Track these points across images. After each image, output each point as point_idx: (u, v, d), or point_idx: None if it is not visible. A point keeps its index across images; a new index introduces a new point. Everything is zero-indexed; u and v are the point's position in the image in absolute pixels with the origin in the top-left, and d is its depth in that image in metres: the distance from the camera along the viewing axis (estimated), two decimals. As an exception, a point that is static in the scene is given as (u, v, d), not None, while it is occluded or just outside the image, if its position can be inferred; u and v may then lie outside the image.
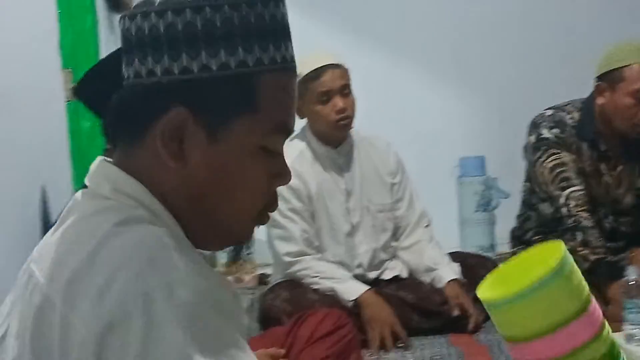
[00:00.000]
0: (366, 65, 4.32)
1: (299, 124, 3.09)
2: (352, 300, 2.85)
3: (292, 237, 2.96)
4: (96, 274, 0.79)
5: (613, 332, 1.03)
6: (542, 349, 0.95)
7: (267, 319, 2.92)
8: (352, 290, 2.88)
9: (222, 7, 0.87)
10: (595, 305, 1.01)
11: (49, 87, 3.18)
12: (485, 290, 1.00)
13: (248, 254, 4.08)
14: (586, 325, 0.98)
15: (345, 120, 2.94)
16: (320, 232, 3.03)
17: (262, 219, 0.95)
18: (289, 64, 0.91)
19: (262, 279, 3.83)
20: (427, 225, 3.18)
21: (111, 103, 0.91)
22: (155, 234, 0.83)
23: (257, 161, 0.90)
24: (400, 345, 2.82)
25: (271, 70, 0.89)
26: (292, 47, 0.93)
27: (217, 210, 0.90)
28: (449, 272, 3.02)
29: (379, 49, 4.28)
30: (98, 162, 0.93)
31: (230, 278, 3.84)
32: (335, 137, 3.02)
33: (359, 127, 3.09)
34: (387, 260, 3.14)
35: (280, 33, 0.90)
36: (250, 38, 0.87)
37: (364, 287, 2.90)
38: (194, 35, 0.86)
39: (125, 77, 0.90)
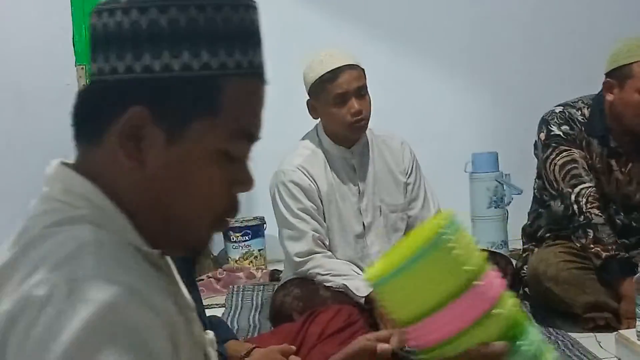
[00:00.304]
0: (378, 63, 4.30)
1: (311, 123, 3.09)
2: (363, 297, 2.85)
3: (302, 236, 2.94)
4: (16, 275, 0.81)
5: (626, 328, 1.00)
6: (433, 329, 0.94)
7: (278, 316, 2.93)
8: (364, 286, 2.88)
9: (188, 7, 0.86)
10: (490, 281, 0.97)
11: (63, 84, 3.20)
12: (371, 272, 0.98)
13: (260, 250, 4.09)
14: (475, 302, 0.94)
15: (360, 122, 2.91)
16: (331, 232, 3.01)
17: (221, 225, 0.93)
18: (256, 70, 0.91)
19: (274, 275, 3.83)
20: None
21: (75, 101, 0.91)
22: (77, 235, 0.83)
23: (215, 165, 0.89)
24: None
25: (236, 75, 0.88)
26: (261, 54, 0.92)
27: (171, 212, 0.89)
28: None
29: (391, 46, 4.27)
30: (54, 164, 0.92)
31: (241, 274, 3.85)
32: (349, 138, 3.00)
33: (372, 125, 3.08)
34: None
35: (249, 39, 0.90)
36: (215, 41, 0.87)
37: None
38: (158, 34, 0.86)
39: (90, 74, 0.90)
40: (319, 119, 3.02)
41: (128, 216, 0.88)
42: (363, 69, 2.93)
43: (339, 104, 2.87)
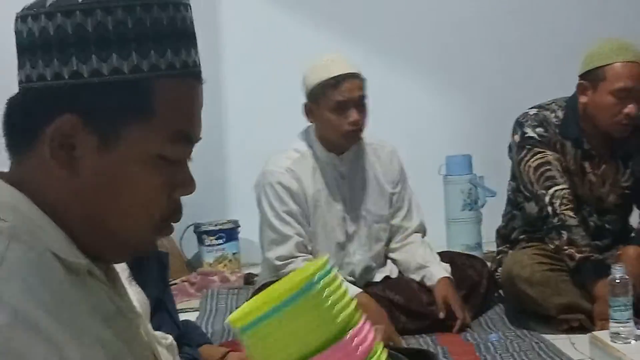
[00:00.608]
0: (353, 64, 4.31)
1: (303, 124, 3.05)
2: None
3: (285, 240, 2.92)
4: None
5: (600, 330, 0.97)
6: None
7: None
8: (349, 289, 2.87)
9: (114, 10, 0.83)
10: (363, 333, 0.91)
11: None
12: (237, 316, 0.93)
13: (234, 253, 4.07)
14: (346, 355, 0.88)
15: (357, 132, 2.90)
16: (315, 238, 2.99)
17: (165, 229, 0.91)
18: (190, 70, 0.88)
19: (249, 279, 3.81)
20: (422, 235, 3.16)
21: (4, 109, 0.88)
22: None
23: (152, 170, 0.86)
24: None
25: (169, 76, 0.85)
26: (196, 52, 0.89)
27: (109, 220, 0.86)
28: (440, 270, 3.02)
29: (365, 48, 4.27)
30: None
31: (215, 278, 3.83)
32: (342, 146, 2.97)
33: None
34: (377, 268, 3.12)
35: (181, 38, 0.87)
36: (145, 42, 0.84)
37: (357, 290, 2.87)
38: (85, 38, 0.83)
39: (18, 81, 0.87)
40: (312, 123, 2.98)
41: (63, 226, 0.85)
42: (364, 79, 2.91)
43: (339, 111, 2.85)
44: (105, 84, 0.83)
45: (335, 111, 2.86)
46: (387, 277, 3.09)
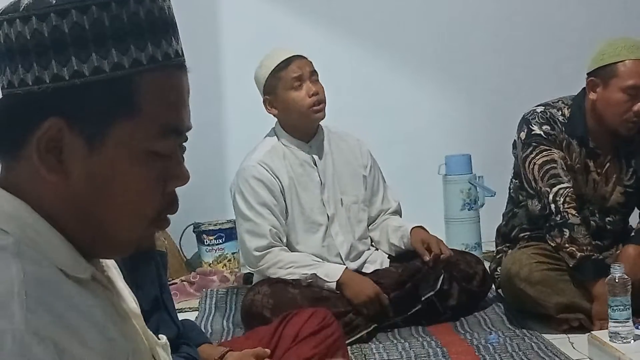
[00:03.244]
0: (352, 66, 4.31)
1: (270, 123, 3.09)
2: (334, 281, 2.89)
3: (261, 231, 2.98)
4: None
5: (599, 329, 0.98)
6: None
7: (249, 316, 2.92)
8: (332, 271, 2.93)
9: (89, 8, 0.82)
10: None
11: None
12: None
13: (233, 253, 4.07)
14: None
15: (319, 104, 2.98)
16: (294, 225, 3.05)
17: (162, 222, 0.90)
18: (174, 60, 0.86)
19: (248, 279, 3.81)
20: (397, 215, 3.26)
21: None
22: (5, 275, 0.77)
23: (143, 167, 0.85)
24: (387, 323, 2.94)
25: (152, 69, 0.84)
26: (177, 41, 0.88)
27: (105, 220, 0.86)
28: (412, 224, 3.12)
29: (365, 49, 4.27)
30: None
31: (214, 277, 3.83)
32: (308, 126, 3.05)
33: (347, 127, 3.09)
34: (365, 250, 3.16)
35: (160, 29, 0.85)
36: (124, 38, 0.83)
37: (342, 267, 2.97)
38: (62, 40, 0.82)
39: (0, 87, 0.86)
40: (277, 119, 3.07)
41: (60, 229, 0.84)
42: (310, 61, 3.03)
43: (296, 87, 2.97)
44: (88, 85, 0.82)
45: (293, 88, 2.97)
46: (376, 271, 3.12)
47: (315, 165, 3.09)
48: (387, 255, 3.19)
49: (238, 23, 4.25)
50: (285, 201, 3.03)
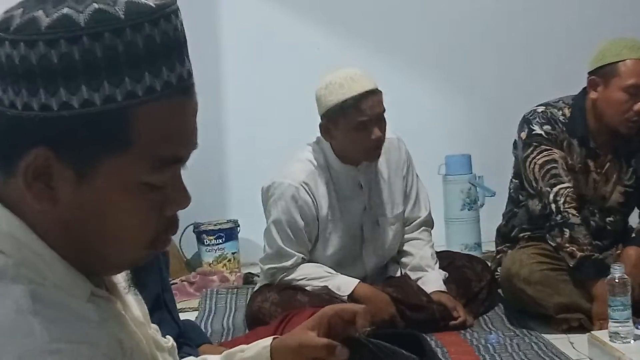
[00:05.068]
0: (353, 63, 4.30)
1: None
2: (346, 295, 2.84)
3: (285, 256, 2.90)
4: None
5: (599, 329, 0.97)
6: None
7: (255, 322, 2.89)
8: (344, 285, 2.87)
9: (79, 39, 0.76)
10: None
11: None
12: None
13: (233, 253, 4.07)
14: None
15: (379, 149, 2.85)
16: (322, 251, 2.94)
17: (160, 244, 0.86)
18: (176, 86, 0.80)
19: (248, 279, 3.81)
20: (429, 229, 3.16)
21: None
22: (10, 297, 0.76)
23: (137, 198, 0.81)
24: None
25: (148, 101, 0.78)
26: (183, 64, 0.81)
27: (99, 246, 0.83)
28: (437, 280, 3.01)
29: (366, 47, 4.27)
30: None
31: (215, 277, 3.83)
32: (362, 161, 2.90)
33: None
34: (390, 266, 3.12)
35: (161, 55, 0.79)
36: (118, 69, 0.77)
37: (356, 281, 2.90)
38: (50, 70, 0.76)
39: None
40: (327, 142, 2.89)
41: (56, 250, 0.82)
42: (381, 92, 2.85)
43: (360, 130, 2.78)
44: (77, 117, 0.77)
45: (357, 131, 2.78)
46: (389, 277, 3.09)
47: (362, 189, 2.96)
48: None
49: (238, 22, 4.25)
50: (318, 228, 2.90)
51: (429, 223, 3.15)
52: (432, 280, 3.01)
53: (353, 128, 2.78)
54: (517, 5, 4.35)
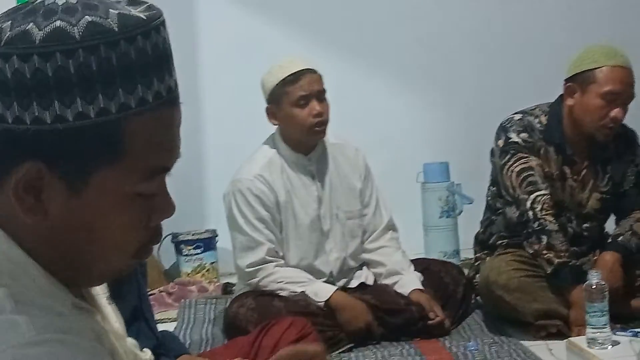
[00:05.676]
0: (330, 72, 4.31)
1: (270, 129, 3.08)
2: (323, 301, 2.86)
3: (257, 246, 2.94)
4: None
5: (577, 336, 0.98)
6: None
7: (232, 328, 2.91)
8: (321, 291, 2.90)
9: (75, 52, 0.76)
10: None
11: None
12: None
13: (212, 263, 4.05)
14: None
15: (321, 126, 2.94)
16: (288, 240, 3.01)
17: (144, 254, 0.87)
18: (165, 98, 0.81)
19: (227, 289, 3.80)
20: (394, 233, 3.18)
21: None
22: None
23: (127, 209, 0.82)
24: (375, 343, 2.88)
25: (140, 112, 0.79)
26: (170, 75, 0.83)
27: (85, 259, 0.83)
28: (413, 280, 3.04)
29: (345, 56, 4.28)
30: None
31: (193, 287, 3.81)
32: (308, 142, 3.01)
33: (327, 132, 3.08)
34: (355, 268, 3.14)
35: (153, 67, 0.80)
36: (112, 82, 0.77)
37: (333, 288, 2.93)
38: (45, 83, 0.76)
39: None
40: (277, 127, 3.02)
41: (39, 262, 0.81)
42: (321, 75, 2.98)
43: (301, 106, 2.91)
44: (71, 130, 0.77)
45: (298, 106, 2.91)
46: (362, 284, 3.10)
47: (314, 179, 3.05)
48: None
49: (216, 29, 4.25)
50: (280, 215, 2.98)
51: (393, 227, 3.20)
52: (410, 281, 3.04)
53: (294, 104, 2.91)
54: (495, 13, 4.38)
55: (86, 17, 0.78)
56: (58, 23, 0.77)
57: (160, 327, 2.58)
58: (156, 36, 0.81)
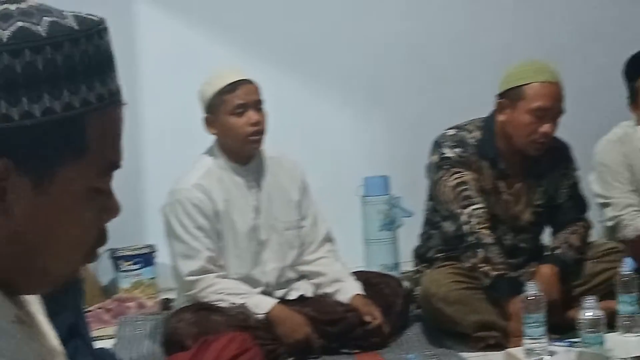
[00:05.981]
0: (271, 83, 4.31)
1: (208, 143, 3.06)
2: (262, 314, 2.85)
3: (196, 255, 2.94)
4: None
5: (514, 347, 1.00)
6: None
7: (171, 343, 2.87)
8: (261, 304, 2.90)
9: (42, 48, 0.79)
10: None
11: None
12: None
13: (151, 278, 4.00)
14: None
15: (257, 135, 2.97)
16: (226, 249, 3.01)
17: (93, 257, 0.89)
18: (115, 97, 0.85)
19: (166, 304, 3.75)
20: (332, 245, 3.20)
21: None
22: None
23: (87, 205, 0.84)
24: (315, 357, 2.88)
25: (99, 108, 0.83)
26: (116, 77, 0.87)
27: (42, 259, 0.83)
28: (354, 286, 3.06)
29: (284, 68, 4.29)
30: None
31: (132, 304, 3.75)
32: (245, 152, 3.03)
33: (264, 147, 3.09)
34: (293, 279, 3.14)
35: (106, 66, 0.84)
36: (76, 78, 0.81)
37: (273, 301, 2.93)
38: (13, 80, 0.78)
39: None
40: (215, 138, 3.03)
41: None
42: (258, 85, 3.01)
43: (238, 114, 2.94)
44: (38, 126, 0.79)
45: (235, 115, 2.94)
46: (302, 296, 3.10)
47: (251, 189, 3.06)
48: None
49: (154, 41, 4.21)
50: (219, 225, 2.99)
51: (330, 239, 3.23)
52: (350, 287, 3.07)
53: (231, 112, 2.95)
54: (436, 28, 4.43)
55: (46, 18, 0.81)
56: (20, 24, 0.79)
57: (98, 344, 2.54)
58: (107, 36, 0.86)
